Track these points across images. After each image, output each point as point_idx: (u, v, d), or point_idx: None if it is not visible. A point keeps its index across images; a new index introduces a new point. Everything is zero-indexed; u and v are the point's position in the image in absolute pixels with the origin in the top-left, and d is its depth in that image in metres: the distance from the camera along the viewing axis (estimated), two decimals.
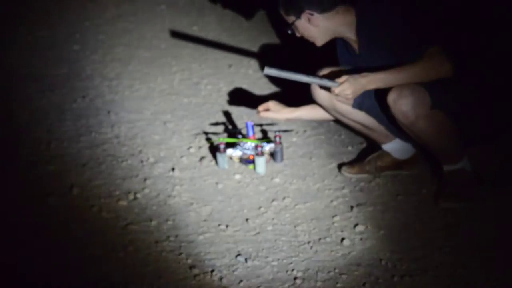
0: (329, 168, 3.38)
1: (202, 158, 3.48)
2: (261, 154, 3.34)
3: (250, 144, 3.44)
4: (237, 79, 4.28)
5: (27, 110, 3.97)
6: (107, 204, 3.13)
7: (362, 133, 3.28)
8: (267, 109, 3.23)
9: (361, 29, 2.93)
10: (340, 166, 3.35)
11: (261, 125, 3.70)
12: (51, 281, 2.67)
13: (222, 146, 3.38)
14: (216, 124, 3.80)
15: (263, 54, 4.56)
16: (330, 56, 3.15)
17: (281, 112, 3.22)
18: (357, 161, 3.37)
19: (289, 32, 3.02)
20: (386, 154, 3.26)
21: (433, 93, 2.83)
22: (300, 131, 3.69)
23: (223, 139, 3.46)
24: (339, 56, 3.12)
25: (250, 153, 3.41)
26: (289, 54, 4.36)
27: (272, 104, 3.23)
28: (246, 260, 2.78)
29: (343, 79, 2.85)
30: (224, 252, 2.83)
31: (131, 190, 3.23)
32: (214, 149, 3.47)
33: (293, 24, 2.98)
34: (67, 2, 5.43)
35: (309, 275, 2.70)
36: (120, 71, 4.44)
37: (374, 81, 2.83)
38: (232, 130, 3.69)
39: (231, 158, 3.43)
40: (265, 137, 3.62)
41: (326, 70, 3.07)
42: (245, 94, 4.13)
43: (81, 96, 4.13)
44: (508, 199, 3.05)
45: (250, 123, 3.48)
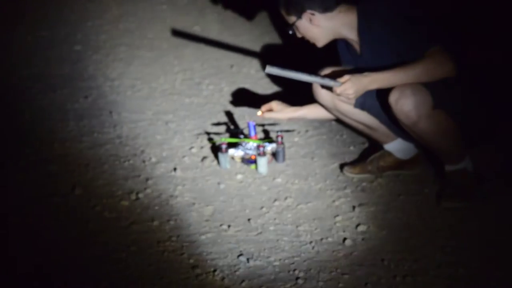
0: (331, 168, 3.38)
1: (204, 158, 3.48)
2: (263, 154, 3.34)
3: (252, 144, 3.44)
4: (239, 79, 4.28)
5: (29, 110, 3.97)
6: (109, 204, 3.13)
7: (364, 133, 3.28)
8: (270, 110, 3.23)
9: (362, 29, 2.92)
10: (342, 166, 3.35)
11: (263, 125, 3.70)
12: (53, 281, 2.68)
13: (224, 146, 3.38)
14: (218, 124, 3.80)
15: (265, 54, 4.56)
16: (332, 56, 3.15)
17: (284, 111, 3.21)
18: (359, 161, 3.37)
19: (290, 32, 3.01)
20: (388, 154, 3.26)
21: (435, 93, 2.82)
22: (302, 131, 3.69)
23: (225, 139, 3.46)
24: (340, 58, 3.11)
25: (252, 153, 3.41)
26: (291, 54, 4.35)
27: (275, 104, 3.22)
28: (248, 260, 2.78)
29: (345, 78, 2.84)
30: (226, 252, 2.83)
31: (133, 190, 3.23)
32: (216, 149, 3.47)
33: (294, 25, 2.97)
34: (67, 2, 5.43)
35: (311, 275, 2.70)
36: (122, 71, 4.44)
37: (376, 80, 2.83)
38: (234, 130, 3.69)
39: (233, 158, 3.43)
40: (267, 137, 3.62)
41: (328, 70, 3.06)
42: (247, 94, 4.13)
43: (83, 96, 4.13)
44: (509, 199, 3.05)
45: (252, 123, 3.48)
